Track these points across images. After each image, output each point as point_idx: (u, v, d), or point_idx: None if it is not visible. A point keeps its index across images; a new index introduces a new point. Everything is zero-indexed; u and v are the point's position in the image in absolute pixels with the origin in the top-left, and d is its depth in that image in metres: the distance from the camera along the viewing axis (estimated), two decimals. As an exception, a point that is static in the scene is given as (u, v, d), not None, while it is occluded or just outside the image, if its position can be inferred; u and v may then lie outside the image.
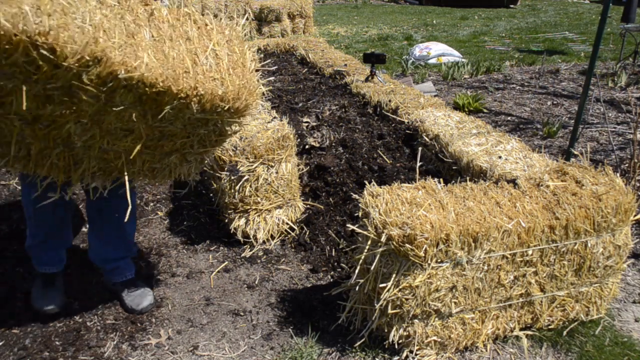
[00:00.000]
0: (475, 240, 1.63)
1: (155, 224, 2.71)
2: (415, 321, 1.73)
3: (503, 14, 12.48)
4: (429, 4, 15.03)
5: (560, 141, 3.90)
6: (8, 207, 2.84)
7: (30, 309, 2.02)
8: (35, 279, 2.07)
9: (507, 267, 1.73)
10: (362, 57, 3.86)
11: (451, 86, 5.59)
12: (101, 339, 1.89)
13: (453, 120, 2.79)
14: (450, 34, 9.40)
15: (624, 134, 3.98)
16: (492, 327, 1.85)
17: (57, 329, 1.94)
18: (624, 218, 1.81)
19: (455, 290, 1.70)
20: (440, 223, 1.61)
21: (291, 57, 5.12)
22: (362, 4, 15.35)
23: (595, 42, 2.73)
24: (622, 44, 6.25)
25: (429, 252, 1.59)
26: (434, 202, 1.74)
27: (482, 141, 2.45)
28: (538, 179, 1.96)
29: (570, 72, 6.09)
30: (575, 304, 1.93)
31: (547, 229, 1.72)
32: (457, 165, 2.40)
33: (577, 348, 1.87)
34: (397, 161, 2.74)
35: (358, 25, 10.83)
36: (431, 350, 1.79)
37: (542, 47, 7.84)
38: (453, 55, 6.75)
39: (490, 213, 1.71)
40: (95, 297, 2.12)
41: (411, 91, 3.44)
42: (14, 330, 1.93)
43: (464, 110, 4.55)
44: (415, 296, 1.65)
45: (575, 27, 9.98)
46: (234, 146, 2.31)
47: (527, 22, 11.04)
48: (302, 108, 3.36)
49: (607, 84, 5.42)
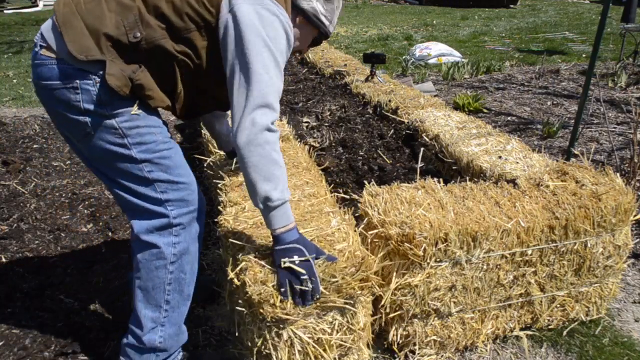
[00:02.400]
0: (475, 240, 1.63)
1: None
2: (415, 321, 1.73)
3: (503, 14, 12.48)
4: (429, 4, 15.04)
5: (560, 141, 3.90)
6: (8, 207, 2.84)
7: (30, 308, 2.02)
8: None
9: (507, 267, 1.73)
10: (362, 57, 3.86)
11: (451, 86, 5.59)
12: (101, 339, 1.90)
13: (453, 120, 2.79)
14: (450, 34, 9.40)
15: (624, 134, 3.98)
16: (492, 327, 1.85)
17: (57, 329, 1.94)
18: (623, 218, 1.81)
19: (455, 289, 1.70)
20: (440, 222, 1.61)
21: (291, 57, 5.12)
22: (362, 4, 15.35)
23: (595, 42, 2.73)
24: (622, 44, 6.25)
25: (428, 251, 1.59)
26: (433, 202, 1.74)
27: (482, 141, 2.45)
28: (538, 178, 1.95)
29: (570, 72, 6.09)
30: (575, 304, 1.93)
31: (546, 228, 1.72)
32: (457, 165, 2.40)
33: (577, 348, 1.87)
34: (397, 161, 2.74)
35: (358, 25, 10.83)
36: (431, 349, 1.79)
37: (542, 47, 7.84)
38: (453, 55, 6.75)
39: (489, 213, 1.71)
40: (95, 297, 2.13)
41: (411, 91, 3.44)
42: (14, 330, 1.93)
43: (464, 110, 4.55)
44: (414, 295, 1.65)
45: (575, 27, 9.98)
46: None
47: (527, 22, 11.04)
48: (302, 108, 3.36)
49: (607, 84, 5.41)
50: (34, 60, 1.35)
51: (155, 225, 1.48)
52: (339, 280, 1.41)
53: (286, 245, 1.35)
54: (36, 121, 4.33)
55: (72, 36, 1.28)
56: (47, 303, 2.07)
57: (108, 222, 2.70)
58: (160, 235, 1.49)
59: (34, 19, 11.35)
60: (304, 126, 3.03)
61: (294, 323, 1.43)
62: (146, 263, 1.51)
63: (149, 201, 1.46)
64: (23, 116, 4.53)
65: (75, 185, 3.12)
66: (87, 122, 1.35)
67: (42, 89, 1.36)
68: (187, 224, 1.52)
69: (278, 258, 1.36)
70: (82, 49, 1.28)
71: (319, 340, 1.47)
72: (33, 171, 3.30)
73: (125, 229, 2.65)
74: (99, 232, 2.62)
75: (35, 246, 2.48)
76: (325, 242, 1.50)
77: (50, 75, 1.32)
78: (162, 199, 1.46)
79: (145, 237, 1.48)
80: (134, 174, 1.43)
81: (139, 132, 1.39)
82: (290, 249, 1.35)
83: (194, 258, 1.58)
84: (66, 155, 3.59)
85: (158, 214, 1.47)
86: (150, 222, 1.48)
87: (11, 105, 4.96)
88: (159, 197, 1.46)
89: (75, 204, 2.88)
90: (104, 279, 2.25)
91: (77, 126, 1.37)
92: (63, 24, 1.29)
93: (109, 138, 1.37)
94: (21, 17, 11.83)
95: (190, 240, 1.55)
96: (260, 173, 1.29)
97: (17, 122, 4.30)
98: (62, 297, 2.12)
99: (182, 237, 1.52)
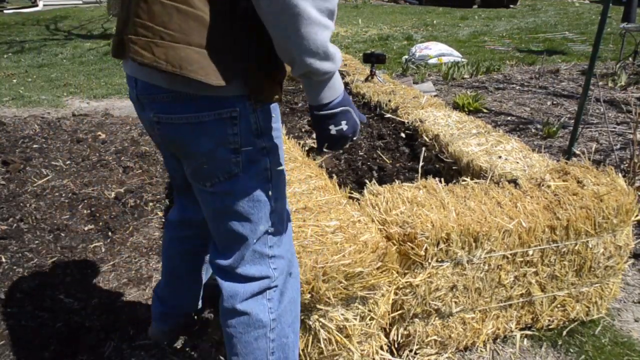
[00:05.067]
0: (476, 240, 1.63)
1: (155, 224, 2.71)
2: (416, 320, 1.73)
3: (503, 14, 12.48)
4: (429, 4, 15.03)
5: (560, 141, 3.90)
6: (8, 207, 2.83)
7: (30, 308, 2.02)
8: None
9: (508, 267, 1.73)
10: (362, 57, 3.86)
11: (451, 86, 5.59)
12: (101, 339, 1.89)
13: (453, 120, 2.79)
14: (450, 34, 9.40)
15: (624, 134, 3.98)
16: (493, 327, 1.85)
17: (57, 329, 1.94)
18: (625, 218, 1.81)
19: (456, 289, 1.70)
20: (441, 222, 1.61)
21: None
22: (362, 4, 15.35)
23: (595, 42, 2.73)
24: (622, 44, 6.25)
25: (429, 251, 1.59)
26: (434, 202, 1.74)
27: (482, 141, 2.44)
28: (539, 178, 1.95)
29: (570, 72, 6.09)
30: (575, 304, 1.93)
31: (548, 229, 1.71)
32: (457, 165, 2.40)
33: (577, 348, 1.87)
34: (397, 161, 2.73)
35: (358, 25, 10.83)
36: (431, 349, 1.79)
37: (542, 47, 7.84)
38: (453, 55, 6.75)
39: (491, 213, 1.71)
40: (95, 297, 2.12)
41: (411, 91, 3.44)
42: (14, 330, 1.92)
43: (464, 110, 4.54)
44: (415, 295, 1.65)
45: (575, 27, 9.98)
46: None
47: (527, 22, 11.04)
48: (301, 108, 3.36)
49: (607, 84, 5.41)
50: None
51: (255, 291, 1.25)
52: (364, 272, 1.44)
53: (334, 110, 1.08)
54: (36, 121, 4.33)
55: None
56: (47, 303, 2.07)
57: (108, 222, 2.69)
58: (256, 301, 1.26)
59: (34, 19, 11.33)
60: (303, 127, 3.03)
61: (321, 312, 1.46)
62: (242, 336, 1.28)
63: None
64: (23, 116, 4.53)
65: (75, 185, 3.11)
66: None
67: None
68: (282, 284, 1.30)
69: (324, 123, 1.09)
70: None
71: (343, 328, 1.51)
72: (33, 171, 3.30)
73: (125, 228, 2.65)
74: (99, 232, 2.62)
75: (35, 246, 2.47)
76: (349, 234, 1.53)
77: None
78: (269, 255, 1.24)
79: (241, 306, 1.25)
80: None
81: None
82: (338, 115, 1.09)
83: (295, 314, 1.36)
84: (66, 155, 3.59)
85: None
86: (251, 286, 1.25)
87: (11, 105, 4.95)
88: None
89: (75, 204, 2.88)
90: (104, 279, 2.25)
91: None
92: None
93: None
94: (21, 17, 11.81)
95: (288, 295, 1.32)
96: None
97: (17, 122, 4.29)
98: (62, 297, 2.11)
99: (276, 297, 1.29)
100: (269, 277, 1.25)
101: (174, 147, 1.15)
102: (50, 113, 4.72)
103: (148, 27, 0.97)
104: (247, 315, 1.25)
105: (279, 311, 1.28)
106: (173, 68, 0.97)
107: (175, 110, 1.06)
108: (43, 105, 4.97)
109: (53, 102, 5.09)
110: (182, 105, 1.05)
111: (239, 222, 1.18)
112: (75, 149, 3.70)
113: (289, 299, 1.31)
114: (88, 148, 3.72)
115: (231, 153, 1.10)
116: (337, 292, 1.43)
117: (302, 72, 1.00)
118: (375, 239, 1.52)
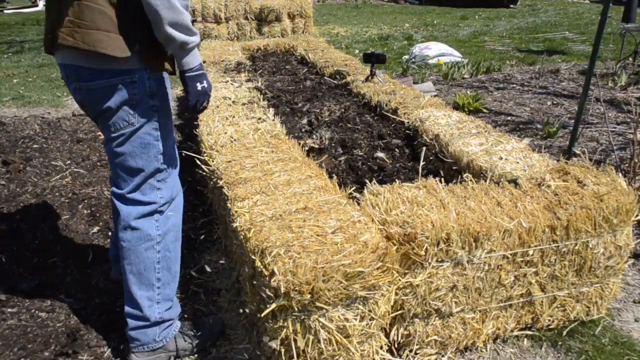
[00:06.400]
0: (476, 240, 1.63)
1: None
2: (416, 320, 1.72)
3: (503, 14, 12.48)
4: (429, 4, 15.03)
5: (560, 141, 3.90)
6: (8, 207, 2.83)
7: (30, 308, 2.01)
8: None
9: (508, 267, 1.73)
10: (362, 57, 3.86)
11: (451, 86, 5.59)
12: (101, 339, 1.89)
13: (453, 120, 2.79)
14: (450, 34, 9.40)
15: (624, 134, 3.98)
16: (493, 327, 1.85)
17: (57, 329, 1.94)
18: (625, 218, 1.81)
19: (456, 289, 1.70)
20: (441, 222, 1.61)
21: (291, 57, 5.12)
22: (362, 4, 15.35)
23: (595, 42, 2.73)
24: (622, 44, 6.24)
25: (429, 251, 1.59)
26: (435, 202, 1.74)
27: (482, 141, 2.44)
28: (539, 178, 1.95)
29: (570, 72, 6.09)
30: (575, 304, 1.93)
31: (548, 229, 1.71)
32: (457, 165, 2.40)
33: (577, 348, 1.87)
34: (397, 161, 2.73)
35: (358, 25, 10.83)
36: (431, 349, 1.79)
37: (542, 47, 7.84)
38: (453, 55, 6.75)
39: (491, 213, 1.71)
40: (95, 297, 2.12)
41: (411, 91, 3.44)
42: (14, 330, 1.92)
43: (464, 110, 4.54)
44: (415, 295, 1.65)
45: (575, 27, 9.98)
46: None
47: (527, 22, 11.04)
48: (301, 108, 3.36)
49: (607, 84, 5.41)
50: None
51: (145, 212, 1.65)
52: (364, 272, 1.43)
53: (198, 72, 1.56)
54: (36, 121, 4.33)
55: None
56: (47, 303, 2.07)
57: (108, 222, 2.69)
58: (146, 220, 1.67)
59: (34, 19, 11.33)
60: (303, 127, 3.03)
61: (321, 312, 1.46)
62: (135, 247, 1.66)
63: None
64: (23, 116, 4.53)
65: (75, 185, 3.11)
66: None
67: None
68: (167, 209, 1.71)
69: (193, 82, 1.56)
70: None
71: (344, 328, 1.51)
72: (33, 171, 3.30)
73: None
74: (99, 232, 2.62)
75: (35, 246, 2.47)
76: (349, 234, 1.53)
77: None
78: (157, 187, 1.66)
79: (135, 223, 1.65)
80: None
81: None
82: (200, 75, 1.57)
83: (177, 235, 1.76)
84: (66, 155, 3.59)
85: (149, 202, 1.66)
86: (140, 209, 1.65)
87: (11, 105, 4.95)
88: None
89: (75, 204, 2.88)
90: (104, 279, 2.25)
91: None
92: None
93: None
94: (21, 17, 11.82)
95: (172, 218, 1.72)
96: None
97: (17, 122, 4.29)
98: (62, 297, 2.11)
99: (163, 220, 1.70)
100: (156, 203, 1.66)
101: (89, 107, 1.57)
102: (50, 113, 4.72)
103: (71, 21, 1.41)
104: (139, 230, 1.64)
105: (164, 229, 1.69)
106: (89, 47, 1.41)
107: (93, 79, 1.49)
108: (43, 105, 4.97)
109: (53, 102, 5.09)
110: (99, 76, 1.48)
111: (133, 160, 1.59)
112: (75, 149, 3.71)
113: (172, 223, 1.72)
114: (88, 148, 3.72)
115: (130, 108, 1.53)
116: (337, 292, 1.43)
117: (177, 45, 1.46)
118: (376, 239, 1.52)
